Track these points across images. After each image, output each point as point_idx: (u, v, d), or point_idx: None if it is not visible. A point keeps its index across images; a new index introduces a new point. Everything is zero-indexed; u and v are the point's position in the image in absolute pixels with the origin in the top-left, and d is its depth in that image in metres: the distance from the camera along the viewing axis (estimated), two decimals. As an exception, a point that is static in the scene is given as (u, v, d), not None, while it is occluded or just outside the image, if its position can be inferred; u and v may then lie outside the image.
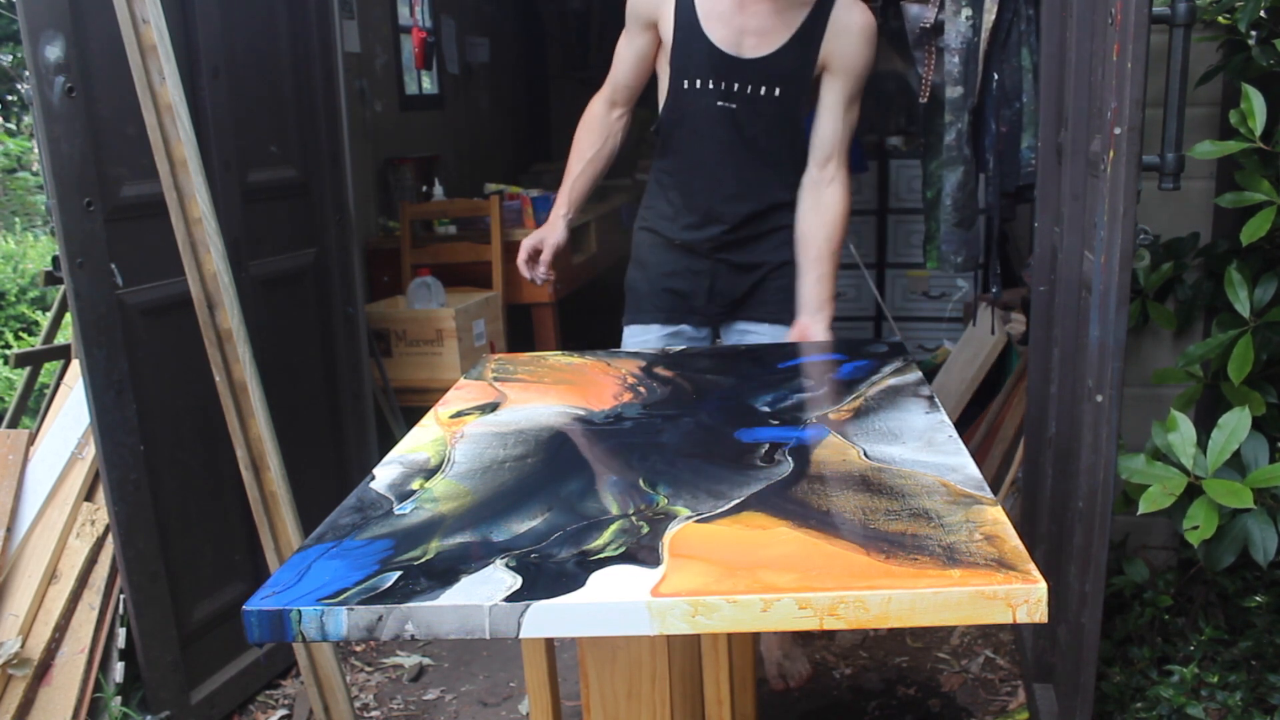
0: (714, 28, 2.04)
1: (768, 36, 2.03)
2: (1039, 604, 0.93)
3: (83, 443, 2.29)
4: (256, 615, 1.00)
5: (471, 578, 1.02)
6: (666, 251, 2.24)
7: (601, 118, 2.26)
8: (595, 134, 2.26)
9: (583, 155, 2.26)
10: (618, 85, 2.23)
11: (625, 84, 2.22)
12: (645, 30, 2.14)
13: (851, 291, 4.69)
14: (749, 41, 2.04)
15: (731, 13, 2.03)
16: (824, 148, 2.11)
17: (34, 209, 6.14)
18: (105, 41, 1.99)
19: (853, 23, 2.03)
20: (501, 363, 1.93)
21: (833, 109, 2.09)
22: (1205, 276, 2.27)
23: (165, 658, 2.19)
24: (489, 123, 5.31)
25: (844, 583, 0.96)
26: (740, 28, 2.03)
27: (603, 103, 2.26)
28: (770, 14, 2.02)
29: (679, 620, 0.96)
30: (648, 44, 2.15)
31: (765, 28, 2.03)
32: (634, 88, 2.23)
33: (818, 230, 2.12)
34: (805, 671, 2.39)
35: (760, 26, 2.03)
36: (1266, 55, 1.93)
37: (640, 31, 2.14)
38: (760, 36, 2.03)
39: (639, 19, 2.13)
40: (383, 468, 1.37)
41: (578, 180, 2.26)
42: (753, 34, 2.04)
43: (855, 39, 2.04)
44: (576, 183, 2.26)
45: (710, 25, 2.04)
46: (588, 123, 2.27)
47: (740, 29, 2.03)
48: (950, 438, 1.34)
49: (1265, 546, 1.72)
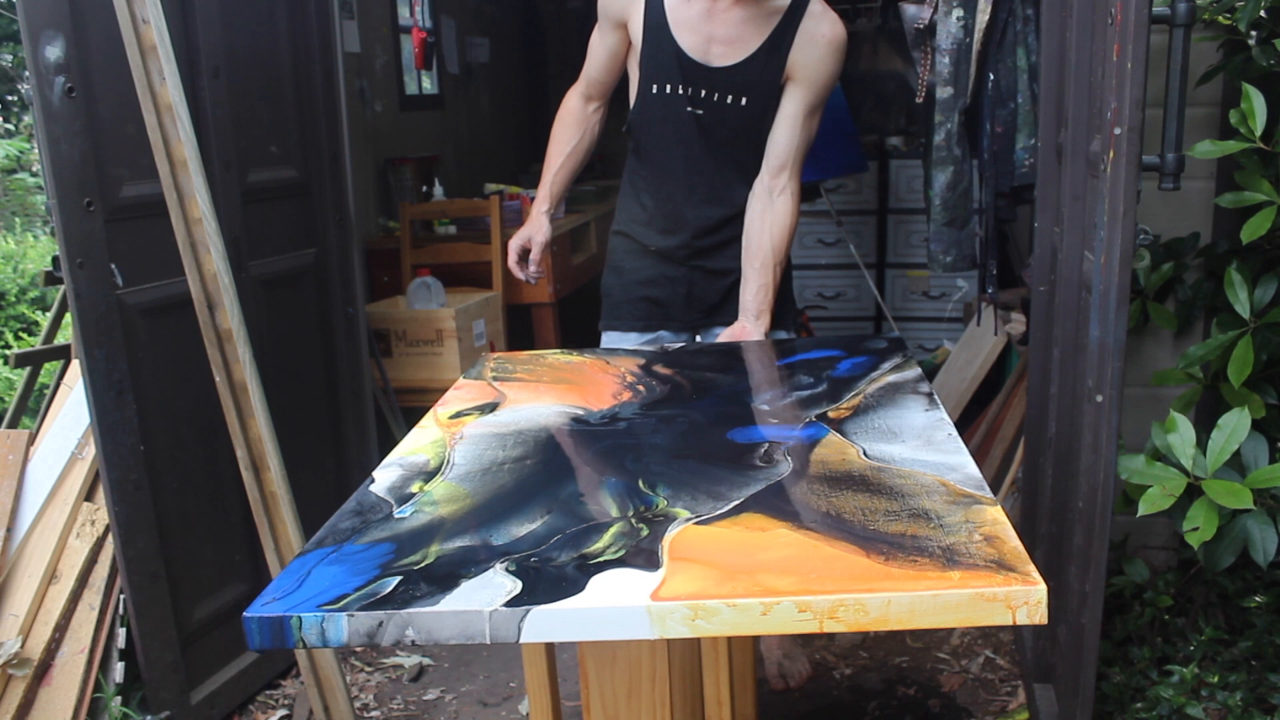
0: (683, 34, 2.02)
1: (736, 45, 2.01)
2: (1039, 605, 0.93)
3: (83, 443, 2.29)
4: (257, 622, 1.00)
5: (471, 582, 1.02)
6: (642, 258, 2.23)
7: (577, 111, 2.26)
8: (572, 128, 2.27)
9: (561, 150, 2.27)
10: (591, 80, 2.23)
11: (599, 79, 2.21)
12: (616, 28, 2.13)
13: (851, 291, 4.70)
14: (717, 50, 2.02)
15: (700, 20, 2.01)
16: (779, 156, 2.08)
17: (34, 209, 6.14)
18: (105, 41, 1.99)
19: (821, 34, 2.01)
20: (501, 362, 1.93)
21: (791, 119, 2.06)
22: (1205, 277, 2.27)
23: (165, 658, 2.19)
24: (489, 123, 5.31)
25: (843, 585, 0.96)
26: (709, 35, 2.01)
27: (578, 96, 2.26)
28: (739, 23, 1.99)
29: (679, 624, 0.96)
30: (618, 42, 2.14)
31: (733, 36, 2.00)
32: (607, 83, 2.23)
33: (764, 240, 2.10)
34: (805, 671, 2.39)
35: (729, 35, 2.01)
36: (1266, 55, 1.93)
37: (611, 29, 2.14)
38: (728, 45, 2.01)
39: (609, 17, 2.12)
40: (382, 470, 1.37)
41: (557, 174, 2.27)
42: (721, 42, 2.01)
43: (822, 50, 2.01)
44: (556, 177, 2.27)
45: (679, 31, 2.02)
46: (564, 117, 2.28)
47: (709, 37, 2.01)
48: (950, 436, 1.34)
49: (1265, 547, 1.72)
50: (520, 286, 3.61)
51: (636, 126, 2.16)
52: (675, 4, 2.02)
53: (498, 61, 5.39)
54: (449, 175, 4.53)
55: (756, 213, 2.11)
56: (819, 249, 4.64)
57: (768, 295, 2.10)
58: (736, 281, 2.18)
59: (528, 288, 3.74)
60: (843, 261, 4.62)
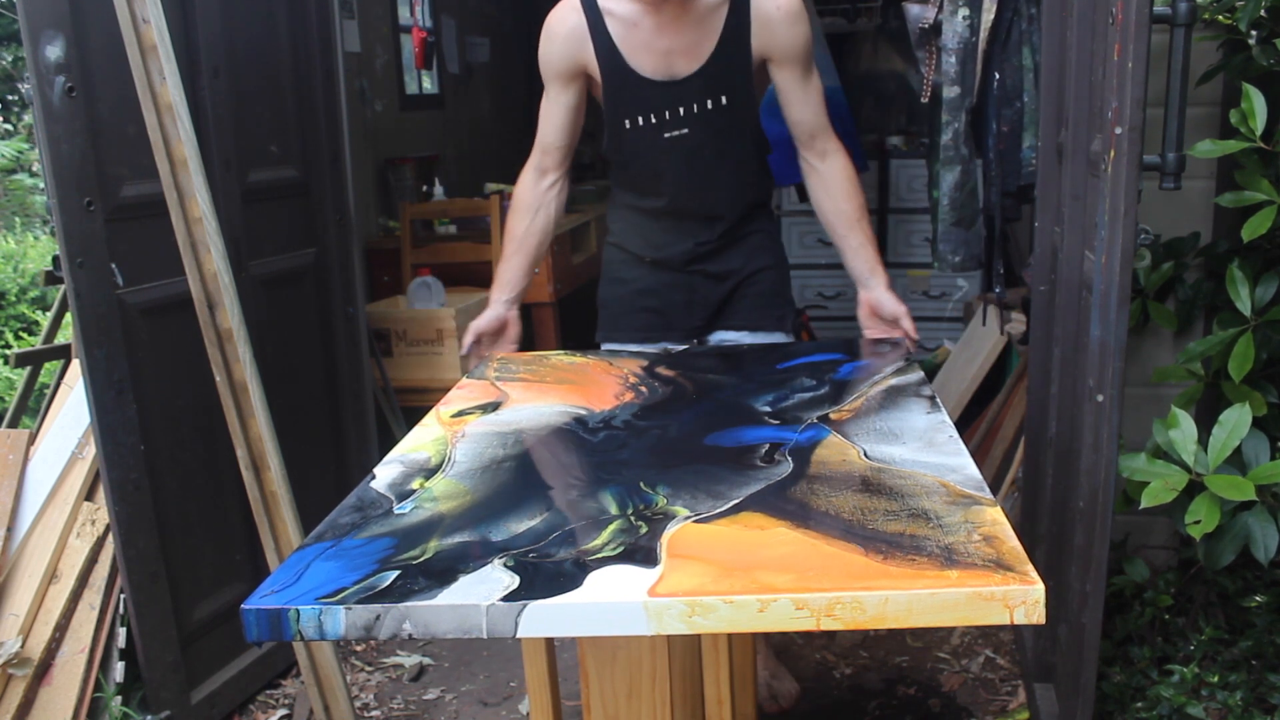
0: (641, 60, 1.95)
1: (695, 48, 1.94)
2: (1036, 605, 0.93)
3: (83, 442, 2.29)
4: (255, 614, 1.00)
5: (469, 577, 1.02)
6: (639, 267, 2.17)
7: (529, 192, 2.11)
8: (522, 214, 2.11)
9: (514, 237, 2.11)
10: (548, 148, 2.09)
11: (556, 144, 2.08)
12: (569, 83, 2.01)
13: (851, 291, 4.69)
14: (679, 62, 1.95)
15: (652, 37, 1.93)
16: (804, 129, 2.02)
17: (34, 209, 6.14)
18: (105, 41, 1.99)
19: (774, 9, 1.93)
20: (504, 362, 1.93)
21: (792, 91, 1.99)
22: (1205, 276, 2.27)
23: (165, 657, 2.19)
24: (489, 123, 5.31)
25: (841, 583, 0.96)
26: (666, 50, 1.94)
27: (532, 173, 2.12)
28: (691, 26, 1.92)
29: (676, 620, 0.96)
30: (575, 96, 2.03)
31: (689, 41, 1.93)
32: (566, 147, 2.09)
33: (830, 206, 2.05)
34: (795, 690, 2.36)
35: (685, 42, 1.93)
36: (1267, 55, 1.93)
37: (562, 87, 2.01)
38: (688, 51, 1.94)
39: (559, 75, 2.01)
40: (383, 467, 1.37)
41: (507, 264, 2.12)
42: (680, 53, 1.94)
43: (782, 24, 1.93)
44: (510, 265, 2.11)
45: (636, 57, 1.95)
46: (516, 202, 2.13)
47: (666, 51, 1.94)
48: (951, 438, 1.33)
49: (1266, 544, 1.72)
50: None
51: (616, 163, 2.10)
52: (622, 32, 1.94)
53: (498, 61, 5.39)
54: (449, 175, 4.54)
55: (816, 187, 2.06)
56: (819, 249, 4.64)
57: (867, 253, 2.05)
58: (740, 282, 2.14)
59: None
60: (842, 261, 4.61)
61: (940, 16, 2.44)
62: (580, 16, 1.95)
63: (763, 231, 2.16)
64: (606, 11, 1.94)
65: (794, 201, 4.15)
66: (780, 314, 2.17)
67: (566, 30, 1.97)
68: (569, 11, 1.97)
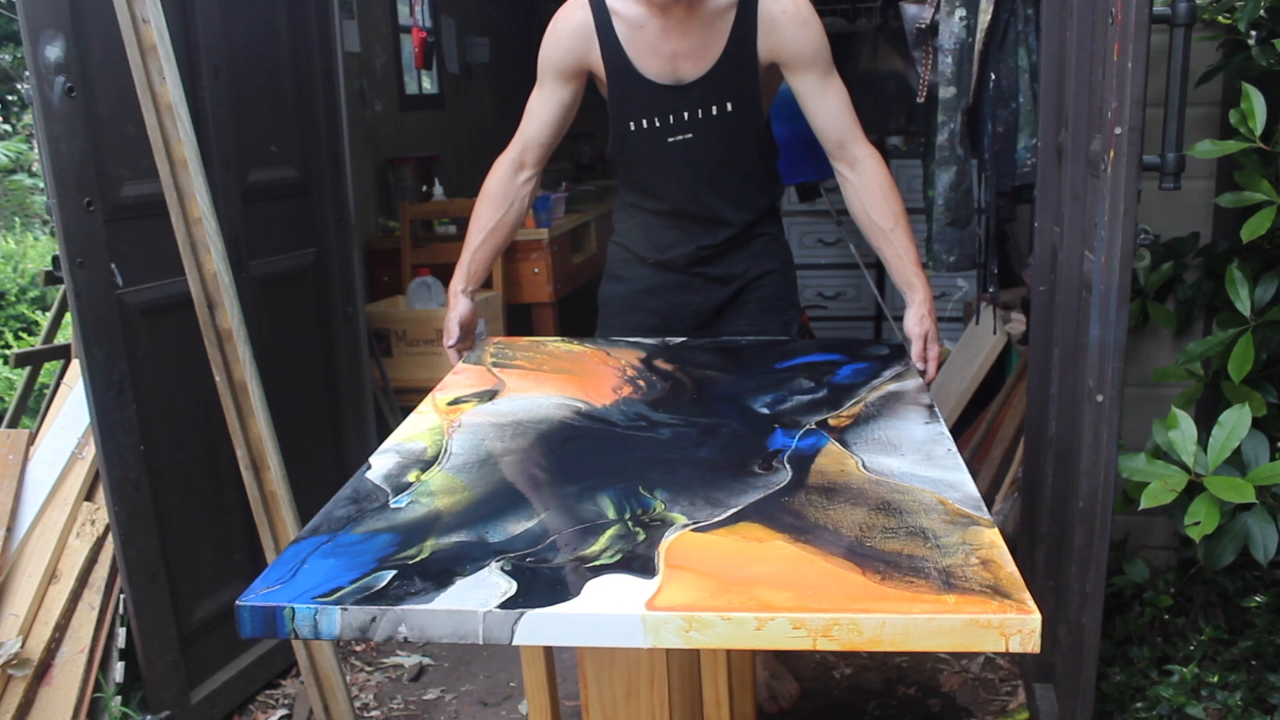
0: (646, 63, 1.92)
1: (701, 53, 1.91)
2: (1032, 634, 0.92)
3: (83, 443, 2.29)
4: (250, 610, 1.00)
5: (466, 581, 1.01)
6: (641, 268, 2.17)
7: (504, 183, 2.05)
8: (494, 204, 2.05)
9: (482, 227, 2.06)
10: (529, 144, 2.03)
11: (538, 142, 2.03)
12: (568, 81, 1.97)
13: (851, 291, 4.70)
14: (685, 66, 1.93)
15: (658, 41, 1.91)
16: (829, 136, 1.96)
17: (34, 209, 6.14)
18: (105, 41, 1.99)
19: (781, 13, 1.89)
20: (501, 347, 1.91)
21: (811, 96, 1.94)
22: (1205, 276, 2.27)
23: (165, 658, 2.19)
24: (489, 123, 5.30)
25: (839, 604, 0.95)
26: (672, 54, 1.92)
27: (508, 165, 2.05)
28: (698, 30, 1.89)
29: (673, 635, 0.95)
30: (571, 95, 1.99)
31: (696, 45, 1.91)
32: (548, 145, 2.04)
33: (864, 219, 1.97)
34: (795, 690, 2.36)
35: (691, 46, 1.91)
36: (1266, 55, 1.93)
37: (561, 84, 1.98)
38: (694, 56, 1.92)
39: (560, 71, 1.97)
40: (379, 456, 1.35)
41: (476, 253, 2.07)
42: (686, 56, 1.92)
43: (790, 27, 1.89)
44: (476, 255, 2.07)
45: (642, 60, 1.92)
46: (487, 191, 2.08)
47: (672, 55, 1.92)
48: (949, 451, 1.33)
49: (1265, 545, 1.71)
50: (520, 286, 3.61)
51: (621, 165, 2.08)
52: (629, 34, 1.92)
53: (498, 61, 5.39)
54: (449, 175, 4.53)
55: (850, 199, 2.00)
56: (819, 249, 4.64)
57: (905, 264, 1.94)
58: (744, 286, 2.13)
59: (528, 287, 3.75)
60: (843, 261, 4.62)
61: (937, 17, 2.44)
62: (588, 15, 1.94)
63: (769, 235, 2.14)
64: (614, 12, 1.92)
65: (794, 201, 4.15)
66: (785, 319, 2.16)
67: (574, 27, 1.95)
68: (577, 9, 1.95)
